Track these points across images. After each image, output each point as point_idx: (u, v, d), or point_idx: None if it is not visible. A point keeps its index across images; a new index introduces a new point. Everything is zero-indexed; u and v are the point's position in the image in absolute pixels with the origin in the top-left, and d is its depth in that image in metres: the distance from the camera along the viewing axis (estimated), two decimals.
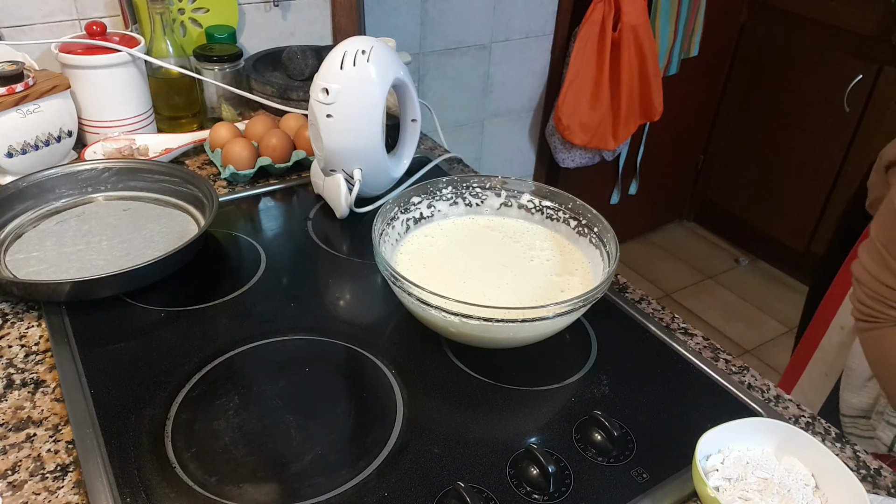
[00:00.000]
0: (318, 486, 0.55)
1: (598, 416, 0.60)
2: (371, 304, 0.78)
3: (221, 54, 1.09)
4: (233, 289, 0.77)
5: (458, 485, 0.53)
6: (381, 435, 0.60)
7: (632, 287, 0.82)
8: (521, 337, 0.66)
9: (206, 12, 1.20)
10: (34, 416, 0.60)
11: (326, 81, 0.80)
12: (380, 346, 0.70)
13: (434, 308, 0.61)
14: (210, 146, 1.01)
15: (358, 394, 0.65)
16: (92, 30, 0.99)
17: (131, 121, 1.03)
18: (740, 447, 0.57)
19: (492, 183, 0.82)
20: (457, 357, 0.69)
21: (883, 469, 0.60)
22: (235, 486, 0.54)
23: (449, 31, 1.74)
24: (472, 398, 0.64)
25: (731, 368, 0.70)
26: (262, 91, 1.13)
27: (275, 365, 0.67)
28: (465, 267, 0.74)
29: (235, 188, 0.97)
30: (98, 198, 0.89)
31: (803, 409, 0.66)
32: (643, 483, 0.57)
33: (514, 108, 2.01)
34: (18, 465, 0.56)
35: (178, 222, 0.86)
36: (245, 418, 0.60)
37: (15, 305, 0.73)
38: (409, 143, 0.96)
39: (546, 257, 0.77)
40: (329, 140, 0.83)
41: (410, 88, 0.89)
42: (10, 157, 0.90)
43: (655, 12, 2.02)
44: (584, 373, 0.68)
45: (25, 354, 0.67)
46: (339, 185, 0.87)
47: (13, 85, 0.88)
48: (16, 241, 0.81)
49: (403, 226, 0.78)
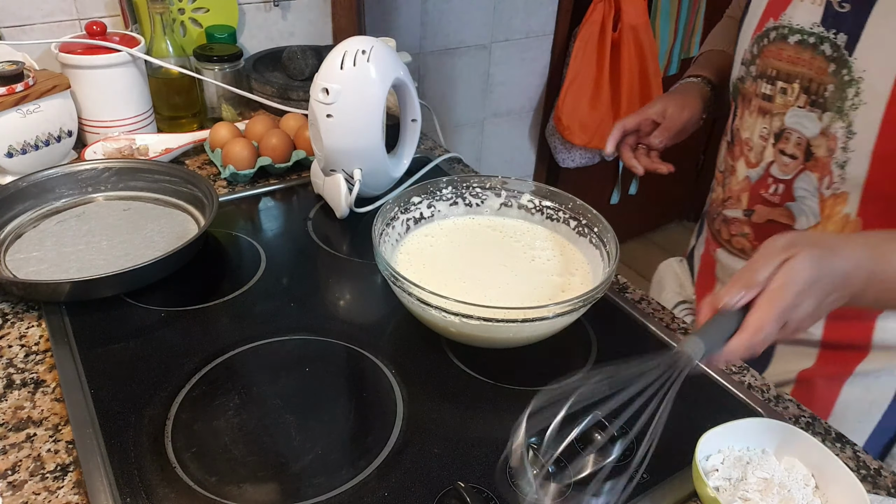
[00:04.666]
0: (318, 486, 0.55)
1: (598, 417, 0.60)
2: (371, 304, 0.78)
3: (221, 54, 1.09)
4: (233, 289, 0.77)
5: (458, 485, 0.53)
6: (381, 435, 0.60)
7: (632, 287, 0.82)
8: (521, 337, 0.66)
9: (206, 12, 1.20)
10: (34, 416, 0.60)
11: (326, 81, 0.80)
12: (380, 346, 0.70)
13: (434, 308, 0.61)
14: (210, 146, 1.01)
15: (358, 394, 0.65)
16: (92, 30, 0.99)
17: (131, 121, 1.03)
18: (740, 447, 0.57)
19: (492, 183, 0.82)
20: (457, 357, 0.69)
21: (883, 469, 0.60)
22: (235, 486, 0.54)
23: (449, 31, 1.74)
24: (472, 398, 0.64)
25: (731, 368, 0.70)
26: (262, 91, 1.13)
27: (275, 365, 0.67)
28: (465, 267, 0.74)
29: (235, 188, 0.97)
30: (98, 198, 0.89)
31: (803, 409, 0.66)
32: (643, 483, 0.57)
33: (514, 108, 2.01)
34: (18, 465, 0.56)
35: (178, 222, 0.86)
36: (245, 418, 0.60)
37: (15, 305, 0.73)
38: (409, 143, 0.96)
39: (546, 257, 0.77)
40: (329, 140, 0.83)
41: (410, 88, 0.89)
42: (10, 157, 0.90)
43: (655, 12, 2.02)
44: (584, 373, 0.68)
45: (25, 354, 0.67)
46: (339, 185, 0.87)
47: (13, 85, 0.88)
48: (16, 241, 0.81)
49: (403, 226, 0.78)
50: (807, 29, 0.71)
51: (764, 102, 0.77)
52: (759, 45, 0.77)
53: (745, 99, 0.81)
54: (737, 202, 0.84)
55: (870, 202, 0.72)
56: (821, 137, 0.72)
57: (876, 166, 0.69)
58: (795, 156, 0.75)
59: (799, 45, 0.72)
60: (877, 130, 0.68)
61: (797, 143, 0.75)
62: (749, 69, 0.79)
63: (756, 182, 0.81)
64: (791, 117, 0.74)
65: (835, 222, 0.75)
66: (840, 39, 0.68)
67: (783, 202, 0.78)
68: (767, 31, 0.76)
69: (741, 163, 0.83)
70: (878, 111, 0.67)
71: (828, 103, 0.71)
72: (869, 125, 0.68)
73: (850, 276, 0.55)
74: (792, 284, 0.51)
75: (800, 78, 0.73)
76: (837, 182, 0.72)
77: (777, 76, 0.75)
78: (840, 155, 0.71)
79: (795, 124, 0.74)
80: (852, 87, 0.68)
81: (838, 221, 0.74)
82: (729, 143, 0.86)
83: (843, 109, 0.70)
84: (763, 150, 0.79)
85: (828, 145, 0.72)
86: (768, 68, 0.76)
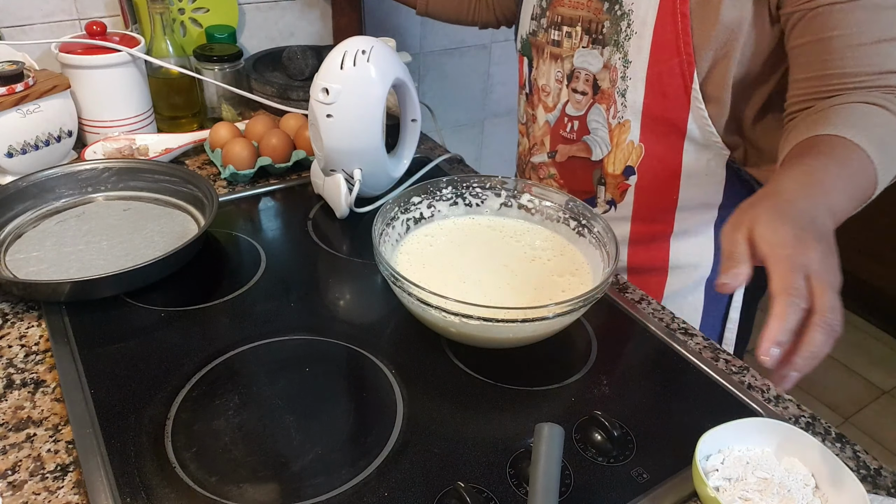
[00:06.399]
0: (318, 486, 0.55)
1: (598, 416, 0.60)
2: (371, 304, 0.78)
3: (221, 54, 1.09)
4: (233, 289, 0.77)
5: (458, 485, 0.53)
6: (381, 435, 0.60)
7: (632, 287, 0.82)
8: (521, 337, 0.66)
9: (206, 12, 1.20)
10: (34, 416, 0.60)
11: (326, 81, 0.80)
12: (380, 346, 0.70)
13: (434, 308, 0.61)
14: (210, 146, 1.01)
15: (358, 394, 0.65)
16: (92, 30, 0.99)
17: (131, 121, 1.03)
18: (740, 447, 0.57)
19: (492, 183, 0.82)
20: (457, 357, 0.69)
21: (883, 469, 0.60)
22: (235, 486, 0.54)
23: (449, 30, 1.73)
24: (472, 398, 0.64)
25: (731, 368, 0.70)
26: (262, 91, 1.13)
27: (275, 365, 0.67)
28: (465, 267, 0.74)
29: (235, 188, 0.97)
30: (98, 198, 0.89)
31: (803, 409, 0.66)
32: (643, 483, 0.57)
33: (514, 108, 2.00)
34: (18, 465, 0.56)
35: (178, 222, 0.86)
36: (245, 418, 0.60)
37: (15, 305, 0.73)
38: (409, 143, 0.96)
39: (546, 257, 0.77)
40: (329, 140, 0.83)
41: (410, 88, 0.89)
42: (10, 157, 0.90)
43: None
44: (584, 373, 0.68)
45: (25, 354, 0.67)
46: (339, 185, 0.87)
47: (13, 85, 0.88)
48: (16, 241, 0.81)
49: (403, 226, 0.78)
50: None
51: (554, 48, 0.87)
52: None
53: (539, 49, 0.90)
54: (541, 146, 0.95)
55: (647, 128, 0.82)
56: (604, 71, 0.82)
57: (649, 89, 0.79)
58: (585, 92, 0.85)
59: None
60: (647, 55, 0.77)
61: (586, 80, 0.84)
62: (540, 22, 0.88)
63: (555, 124, 0.91)
64: (578, 57, 0.84)
65: (622, 149, 0.85)
66: None
67: (580, 137, 0.88)
68: None
69: (540, 109, 0.93)
70: (646, 39, 0.77)
71: (606, 39, 0.80)
72: (640, 51, 0.77)
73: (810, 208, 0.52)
74: (772, 235, 0.49)
75: (581, 21, 0.82)
76: (621, 111, 0.82)
77: (562, 22, 0.84)
78: (620, 84, 0.81)
79: (583, 63, 0.84)
80: (624, 20, 0.78)
81: (625, 148, 0.84)
82: (527, 94, 0.96)
83: (619, 42, 0.79)
84: (560, 91, 0.88)
85: (610, 77, 0.82)
86: (556, 16, 0.85)
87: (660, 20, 0.75)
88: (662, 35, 0.75)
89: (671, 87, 0.77)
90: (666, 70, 0.76)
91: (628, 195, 0.88)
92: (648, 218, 0.89)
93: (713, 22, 0.72)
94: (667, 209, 0.88)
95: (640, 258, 0.92)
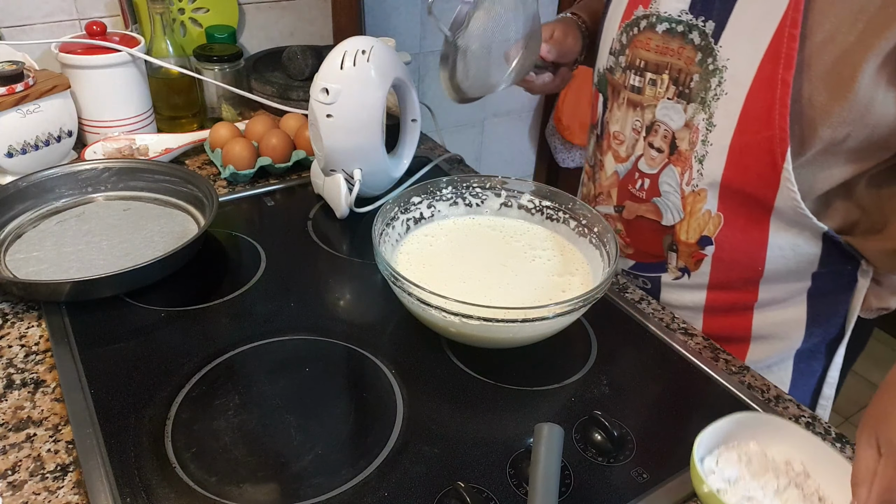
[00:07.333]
0: (318, 486, 0.55)
1: (598, 416, 0.60)
2: (371, 304, 0.78)
3: (221, 54, 1.09)
4: (233, 289, 0.77)
5: (458, 485, 0.53)
6: (381, 435, 0.60)
7: (632, 287, 0.82)
8: (522, 337, 0.66)
9: (206, 12, 1.20)
10: (34, 416, 0.60)
11: (326, 81, 0.80)
12: (380, 346, 0.70)
13: (434, 308, 0.61)
14: (210, 146, 1.01)
15: (358, 394, 0.65)
16: (92, 30, 0.99)
17: (131, 121, 1.03)
18: (735, 443, 0.58)
19: (492, 183, 0.82)
20: (457, 357, 0.69)
21: None
22: (235, 486, 0.54)
23: None
24: (472, 398, 0.64)
25: (731, 368, 0.70)
26: (262, 91, 1.13)
27: (275, 365, 0.67)
28: (465, 267, 0.74)
29: (235, 188, 0.97)
30: (98, 198, 0.89)
31: (803, 409, 0.66)
32: (643, 483, 0.57)
33: (514, 108, 2.01)
34: (18, 465, 0.56)
35: (178, 222, 0.86)
36: (245, 418, 0.60)
37: (15, 305, 0.73)
38: (409, 143, 0.96)
39: (546, 257, 0.77)
40: (329, 140, 0.83)
41: (410, 88, 0.90)
42: (10, 157, 0.90)
43: None
44: (584, 373, 0.68)
45: (25, 354, 0.67)
46: (339, 185, 0.87)
47: (13, 85, 0.88)
48: (16, 241, 0.81)
49: (403, 226, 0.78)
50: (675, 17, 0.69)
51: (633, 95, 0.76)
52: (627, 34, 0.75)
53: (615, 91, 0.79)
54: (608, 198, 0.84)
55: (727, 198, 0.71)
56: (685, 129, 0.71)
57: (731, 161, 0.68)
58: (662, 149, 0.74)
59: (667, 33, 0.70)
60: (735, 122, 0.67)
61: (664, 136, 0.74)
62: (618, 59, 0.77)
63: (624, 177, 0.80)
64: (661, 109, 0.73)
65: (697, 219, 0.74)
66: (708, 27, 0.67)
67: (649, 198, 0.78)
68: (637, 20, 0.74)
69: (609, 157, 0.82)
70: (738, 102, 0.66)
71: (692, 94, 0.69)
72: (728, 116, 0.67)
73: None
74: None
75: (669, 69, 0.71)
76: (696, 178, 0.72)
77: (646, 67, 0.74)
78: (700, 149, 0.70)
79: (664, 116, 0.73)
80: (716, 77, 0.67)
81: (701, 218, 0.74)
82: (598, 136, 0.85)
83: (706, 100, 0.68)
84: (636, 143, 0.77)
85: (690, 138, 0.71)
86: (637, 59, 0.74)
87: (756, 84, 0.64)
88: (755, 102, 0.64)
89: (758, 163, 0.67)
90: (754, 143, 0.66)
91: (704, 264, 0.77)
92: (728, 287, 0.78)
93: (843, 95, 0.61)
94: (750, 280, 0.77)
95: (717, 326, 0.81)
